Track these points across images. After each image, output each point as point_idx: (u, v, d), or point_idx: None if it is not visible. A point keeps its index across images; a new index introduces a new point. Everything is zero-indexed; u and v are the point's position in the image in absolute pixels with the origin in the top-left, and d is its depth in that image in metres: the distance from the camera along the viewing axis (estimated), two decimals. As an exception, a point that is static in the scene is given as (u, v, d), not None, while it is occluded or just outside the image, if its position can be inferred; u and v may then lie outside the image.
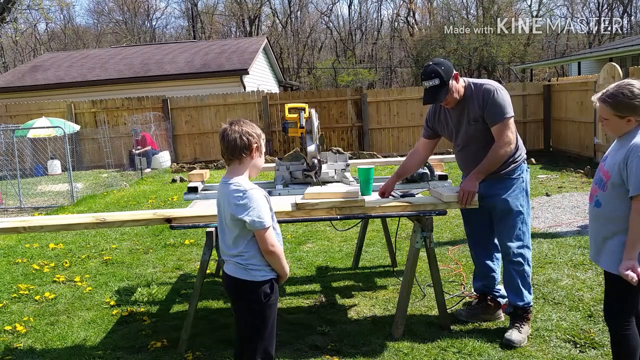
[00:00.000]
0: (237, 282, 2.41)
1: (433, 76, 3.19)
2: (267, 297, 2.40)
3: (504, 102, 3.20)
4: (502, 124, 3.19)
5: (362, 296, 4.20)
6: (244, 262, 2.38)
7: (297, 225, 6.40)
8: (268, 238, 2.34)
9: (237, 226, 2.35)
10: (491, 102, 3.20)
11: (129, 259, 5.55)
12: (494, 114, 3.20)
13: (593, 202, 2.54)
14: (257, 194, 2.32)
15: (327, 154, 4.14)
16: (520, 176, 3.35)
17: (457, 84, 3.25)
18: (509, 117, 3.20)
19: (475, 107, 3.26)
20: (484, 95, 3.23)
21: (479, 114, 3.25)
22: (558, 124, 12.78)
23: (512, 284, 3.41)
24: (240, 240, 2.37)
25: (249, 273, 2.38)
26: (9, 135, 11.20)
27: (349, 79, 34.87)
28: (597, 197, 2.51)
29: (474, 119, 3.28)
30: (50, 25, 38.28)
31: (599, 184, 2.50)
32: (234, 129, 2.34)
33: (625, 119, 2.39)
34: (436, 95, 3.24)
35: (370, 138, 13.95)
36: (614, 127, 2.46)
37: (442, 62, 3.25)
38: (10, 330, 3.86)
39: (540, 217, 6.48)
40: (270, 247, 2.35)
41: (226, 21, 42.70)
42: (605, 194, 2.46)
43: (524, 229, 3.39)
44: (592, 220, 2.59)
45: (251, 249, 2.37)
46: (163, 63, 18.18)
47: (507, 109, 3.20)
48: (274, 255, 2.38)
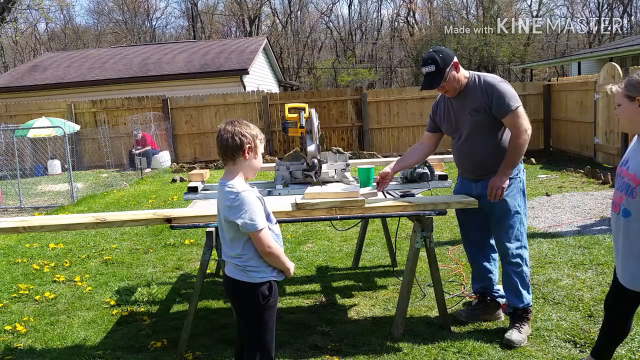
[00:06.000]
0: (236, 283, 2.40)
1: (429, 62, 3.21)
2: (266, 298, 2.39)
3: (510, 93, 3.21)
4: (513, 114, 3.19)
5: (362, 296, 4.20)
6: (242, 263, 2.38)
7: (297, 225, 6.40)
8: (264, 239, 2.32)
9: (231, 228, 2.35)
10: (497, 95, 3.20)
11: (129, 259, 5.55)
12: (503, 106, 3.19)
13: (620, 212, 2.26)
14: (249, 196, 2.30)
15: (327, 154, 4.14)
16: (517, 176, 3.35)
17: (456, 73, 3.25)
18: (518, 105, 3.20)
19: (478, 98, 3.25)
20: (487, 88, 3.23)
21: (483, 105, 3.24)
22: (558, 124, 12.78)
23: (511, 285, 3.41)
24: (236, 242, 2.37)
25: (247, 275, 2.38)
26: (9, 135, 11.20)
27: (349, 79, 34.89)
28: (624, 205, 2.23)
29: (475, 110, 3.27)
30: (50, 25, 38.31)
31: (624, 190, 2.23)
32: (227, 129, 2.34)
33: (635, 101, 2.24)
34: (432, 81, 3.24)
35: (370, 138, 13.96)
36: (626, 114, 2.28)
37: (442, 50, 3.26)
38: (10, 330, 3.86)
39: (540, 217, 6.48)
40: (267, 249, 2.34)
41: (226, 21, 42.72)
42: (635, 201, 2.18)
43: (522, 229, 3.39)
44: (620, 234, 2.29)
45: (249, 251, 2.37)
46: (163, 63, 18.18)
47: (514, 98, 3.21)
48: (272, 256, 2.37)
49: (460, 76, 3.27)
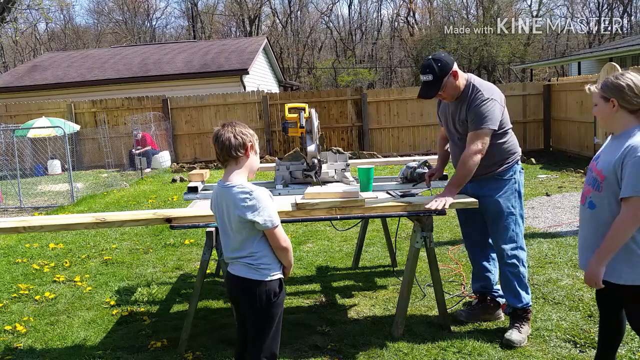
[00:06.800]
0: (246, 282, 2.39)
1: (427, 71, 3.21)
2: (277, 295, 2.41)
3: (487, 113, 3.16)
4: (475, 133, 3.18)
5: (362, 296, 4.20)
6: (255, 262, 2.38)
7: (297, 225, 6.40)
8: (280, 235, 2.36)
9: (245, 228, 2.34)
10: (475, 109, 3.19)
11: (129, 259, 5.55)
12: (473, 121, 3.20)
13: (586, 204, 2.43)
14: (263, 194, 2.32)
15: (327, 154, 4.14)
16: (512, 177, 3.35)
17: (455, 81, 3.24)
18: (485, 128, 3.15)
19: (465, 109, 3.26)
20: (473, 101, 3.21)
21: (465, 118, 3.26)
22: (558, 124, 12.78)
23: (509, 286, 3.41)
24: (248, 242, 2.37)
25: (260, 272, 2.38)
26: (9, 135, 11.20)
27: (349, 78, 34.88)
28: (591, 197, 2.39)
29: (462, 120, 3.29)
30: (50, 25, 38.29)
31: (592, 184, 2.39)
32: (227, 129, 2.36)
33: (610, 102, 2.34)
34: (428, 90, 3.25)
35: (370, 138, 13.96)
36: (602, 113, 2.39)
37: (441, 59, 3.23)
38: (10, 330, 3.86)
39: (540, 217, 6.48)
40: (283, 243, 2.38)
41: (226, 21, 42.72)
42: (600, 194, 2.34)
43: (517, 231, 3.38)
44: (585, 224, 2.46)
45: (262, 249, 2.38)
46: (163, 63, 18.18)
47: (487, 120, 3.15)
48: (287, 251, 2.41)
49: (459, 83, 3.26)
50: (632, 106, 2.30)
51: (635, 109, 2.31)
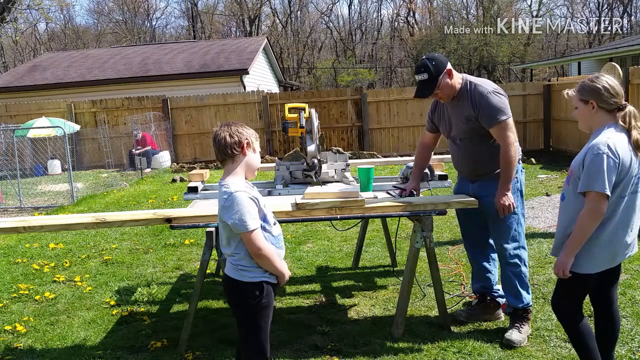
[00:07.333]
0: (230, 280, 2.43)
1: (422, 70, 3.21)
2: (256, 299, 2.38)
3: (498, 104, 3.17)
4: (499, 127, 3.18)
5: (362, 296, 4.20)
6: (235, 262, 2.40)
7: (297, 225, 6.40)
8: (254, 241, 2.30)
9: (226, 227, 2.37)
10: (485, 105, 3.18)
11: (129, 259, 5.55)
12: (490, 117, 3.18)
13: (560, 196, 2.65)
14: (241, 196, 2.29)
15: (327, 154, 4.14)
16: (514, 176, 3.35)
17: (450, 80, 3.24)
18: (505, 119, 3.17)
19: (468, 106, 3.25)
20: (476, 97, 3.21)
21: (472, 114, 3.24)
22: (558, 124, 12.78)
23: (511, 286, 3.41)
24: (232, 241, 2.39)
25: (239, 273, 2.39)
26: (9, 135, 11.20)
27: (349, 78, 34.88)
28: (564, 190, 2.61)
29: (467, 118, 3.28)
30: (50, 25, 38.27)
31: (567, 179, 2.60)
32: (223, 129, 2.38)
33: (589, 104, 2.50)
34: (424, 89, 3.26)
35: (370, 138, 13.95)
36: (582, 116, 2.56)
37: (435, 58, 3.24)
38: (10, 330, 3.86)
39: (540, 217, 6.48)
40: (257, 251, 2.32)
41: (226, 21, 42.71)
42: (569, 188, 2.55)
43: (519, 230, 3.38)
44: (559, 215, 2.66)
45: (241, 250, 2.38)
46: (163, 63, 18.17)
47: (501, 111, 3.17)
48: (263, 258, 2.35)
49: (454, 82, 3.26)
50: (609, 106, 2.48)
51: (612, 109, 2.48)
